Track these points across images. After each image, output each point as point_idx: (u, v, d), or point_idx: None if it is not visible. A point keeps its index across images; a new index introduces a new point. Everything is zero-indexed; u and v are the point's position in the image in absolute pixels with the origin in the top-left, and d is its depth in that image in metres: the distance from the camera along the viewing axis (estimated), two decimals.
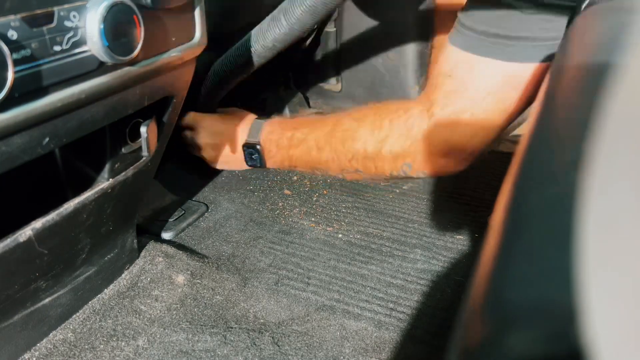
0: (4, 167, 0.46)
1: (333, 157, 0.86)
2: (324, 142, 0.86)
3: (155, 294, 0.74)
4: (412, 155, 0.78)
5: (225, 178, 1.03)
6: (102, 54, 0.48)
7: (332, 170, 0.88)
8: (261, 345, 0.66)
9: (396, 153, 0.79)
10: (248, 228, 0.89)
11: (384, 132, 0.80)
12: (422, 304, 0.72)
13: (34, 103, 0.45)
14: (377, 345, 0.66)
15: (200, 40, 0.62)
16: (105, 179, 0.63)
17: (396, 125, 0.79)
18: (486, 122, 0.73)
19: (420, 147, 0.77)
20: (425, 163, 0.78)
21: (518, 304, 0.22)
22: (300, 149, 0.89)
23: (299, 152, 0.89)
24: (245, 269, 0.79)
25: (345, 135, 0.83)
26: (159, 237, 0.86)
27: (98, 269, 0.71)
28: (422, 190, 0.97)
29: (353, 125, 0.83)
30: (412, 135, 0.78)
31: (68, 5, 0.45)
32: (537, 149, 0.33)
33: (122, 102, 0.55)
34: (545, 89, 0.43)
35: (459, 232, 0.85)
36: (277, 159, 0.92)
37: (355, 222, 0.89)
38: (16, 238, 0.53)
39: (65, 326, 0.68)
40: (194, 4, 0.60)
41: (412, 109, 0.78)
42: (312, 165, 0.89)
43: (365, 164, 0.83)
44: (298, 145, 0.89)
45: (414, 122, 0.77)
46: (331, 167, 0.87)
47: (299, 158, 0.90)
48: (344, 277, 0.77)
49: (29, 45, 0.43)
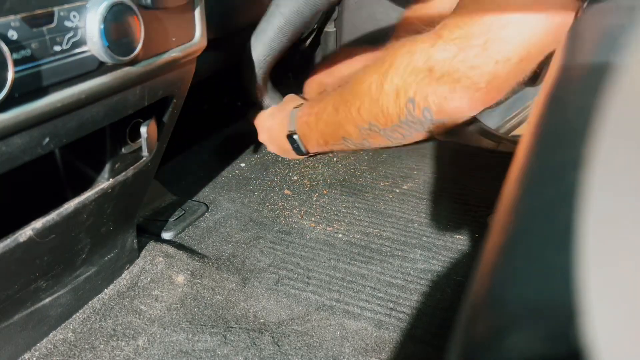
0: (4, 167, 0.46)
1: (346, 114, 0.81)
2: (339, 100, 0.82)
3: (155, 294, 0.74)
4: (414, 87, 0.70)
5: (225, 178, 1.03)
6: (102, 54, 0.48)
7: (353, 134, 0.83)
8: (261, 345, 0.66)
9: (397, 86, 0.72)
10: (248, 228, 0.89)
11: (386, 65, 0.73)
12: (422, 304, 0.72)
13: (34, 103, 0.45)
14: (377, 345, 0.66)
15: (200, 40, 0.62)
16: (105, 179, 0.63)
17: (399, 56, 0.72)
18: (501, 53, 0.65)
19: (422, 76, 0.69)
20: (428, 97, 0.70)
21: (518, 304, 0.22)
22: (324, 120, 0.85)
23: (323, 125, 0.86)
24: (245, 269, 0.79)
25: (353, 82, 0.79)
26: (159, 237, 0.86)
27: (98, 269, 0.71)
28: (422, 190, 0.97)
29: (362, 69, 0.78)
30: (413, 63, 0.69)
31: (68, 5, 0.45)
32: (537, 149, 0.33)
33: (122, 102, 0.55)
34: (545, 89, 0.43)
35: (459, 232, 0.85)
36: (313, 141, 0.91)
37: (355, 222, 0.89)
38: (16, 238, 0.53)
39: (65, 326, 0.68)
40: (194, 4, 0.60)
41: (420, 36, 0.71)
42: (336, 134, 0.86)
43: (372, 109, 0.77)
44: (321, 116, 0.85)
45: (416, 48, 0.70)
46: (349, 130, 0.83)
47: (324, 131, 0.87)
48: (344, 277, 0.77)
49: (29, 45, 0.43)
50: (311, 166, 1.06)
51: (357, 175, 1.02)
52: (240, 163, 1.08)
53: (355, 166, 1.05)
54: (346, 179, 1.01)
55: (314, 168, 1.05)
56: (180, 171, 1.05)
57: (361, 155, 1.09)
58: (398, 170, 1.03)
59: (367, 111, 0.79)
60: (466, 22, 0.66)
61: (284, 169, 1.05)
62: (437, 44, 0.69)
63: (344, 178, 1.01)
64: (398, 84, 0.73)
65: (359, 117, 0.80)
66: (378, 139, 0.83)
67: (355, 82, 0.80)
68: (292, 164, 1.07)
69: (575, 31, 0.52)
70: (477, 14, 0.65)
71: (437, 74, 0.69)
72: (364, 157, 1.08)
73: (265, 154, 1.12)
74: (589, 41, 0.47)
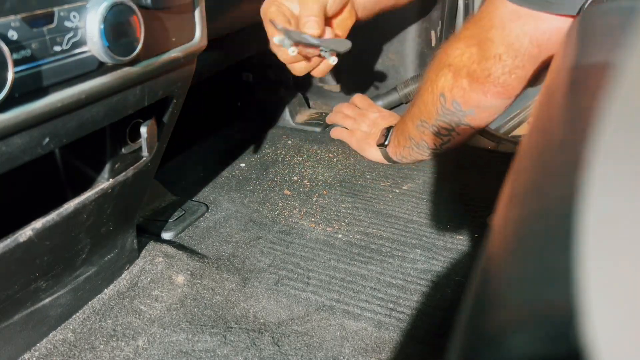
0: (4, 167, 0.46)
1: (408, 110, 0.92)
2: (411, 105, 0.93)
3: (155, 294, 0.74)
4: (442, 80, 0.81)
5: (225, 178, 1.03)
6: (102, 54, 0.48)
7: (412, 131, 0.92)
8: (261, 345, 0.66)
9: (431, 80, 0.83)
10: (248, 228, 0.89)
11: (431, 62, 0.85)
12: (422, 304, 0.72)
13: (34, 103, 0.45)
14: (377, 345, 0.66)
15: (200, 40, 0.62)
16: (105, 179, 0.63)
17: (437, 54, 0.83)
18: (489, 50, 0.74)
19: (445, 71, 0.80)
20: (453, 90, 0.80)
21: (518, 304, 0.22)
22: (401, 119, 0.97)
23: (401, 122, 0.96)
24: (245, 269, 0.79)
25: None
26: (159, 237, 0.86)
27: (98, 269, 0.71)
28: (422, 190, 0.97)
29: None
30: (439, 56, 0.81)
31: (68, 5, 0.45)
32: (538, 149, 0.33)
33: (122, 102, 0.55)
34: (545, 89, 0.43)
35: (459, 232, 0.85)
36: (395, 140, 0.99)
37: (355, 222, 0.89)
38: (16, 238, 0.53)
39: (65, 326, 0.68)
40: (194, 4, 0.60)
41: (451, 37, 0.82)
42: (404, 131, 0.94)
43: (420, 105, 0.87)
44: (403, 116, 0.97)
45: (445, 47, 0.81)
46: (410, 127, 0.92)
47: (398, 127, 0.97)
48: (344, 277, 0.77)
49: (29, 45, 0.43)
50: (311, 166, 1.06)
51: (357, 176, 1.02)
52: (240, 163, 1.08)
53: (355, 166, 1.05)
54: (346, 180, 1.01)
55: (314, 168, 1.05)
56: (180, 171, 1.05)
57: (361, 155, 1.09)
58: (398, 171, 1.03)
59: (417, 107, 0.89)
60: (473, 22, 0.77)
61: (284, 169, 1.05)
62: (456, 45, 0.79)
63: (344, 178, 1.01)
64: (432, 77, 0.84)
65: (414, 113, 0.90)
66: (432, 138, 0.90)
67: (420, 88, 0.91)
68: (292, 164, 1.07)
69: (575, 31, 0.52)
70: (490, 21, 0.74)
71: (453, 61, 0.79)
72: (364, 157, 1.08)
73: (265, 154, 1.12)
74: (589, 41, 0.47)
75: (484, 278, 0.25)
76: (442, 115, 0.84)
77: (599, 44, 0.45)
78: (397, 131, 0.98)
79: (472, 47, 0.76)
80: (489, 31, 0.73)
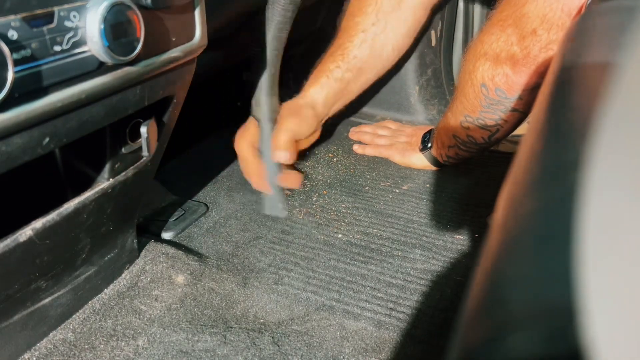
0: (4, 167, 0.46)
1: (450, 107, 0.91)
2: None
3: (155, 294, 0.74)
4: (480, 70, 0.81)
5: (225, 178, 1.03)
6: (102, 54, 0.48)
7: (457, 129, 0.91)
8: (261, 345, 0.66)
9: (469, 71, 0.83)
10: (248, 228, 0.89)
11: (465, 55, 0.86)
12: (422, 304, 0.72)
13: (34, 103, 0.45)
14: (377, 345, 0.66)
15: (200, 40, 0.62)
16: (105, 179, 0.63)
17: (472, 47, 0.84)
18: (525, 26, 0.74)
19: (483, 60, 0.80)
20: (495, 78, 0.80)
21: (518, 304, 0.22)
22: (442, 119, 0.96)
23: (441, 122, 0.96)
24: (245, 269, 0.79)
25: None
26: (159, 237, 0.86)
27: (98, 269, 0.71)
28: (422, 190, 0.97)
29: None
30: (474, 45, 0.82)
31: (68, 5, 0.45)
32: (538, 149, 0.33)
33: (122, 102, 0.55)
34: (545, 88, 0.43)
35: (459, 232, 0.85)
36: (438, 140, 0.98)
37: (355, 222, 0.89)
38: (16, 238, 0.53)
39: (65, 326, 0.68)
40: (194, 4, 0.60)
41: (484, 27, 0.83)
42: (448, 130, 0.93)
43: (462, 100, 0.87)
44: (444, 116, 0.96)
45: (480, 38, 0.81)
46: (454, 125, 0.91)
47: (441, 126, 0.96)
48: (344, 277, 0.77)
49: (29, 45, 0.43)
50: (311, 166, 1.06)
51: (357, 176, 1.02)
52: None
53: (355, 166, 1.05)
54: (346, 179, 1.01)
55: (314, 168, 1.05)
56: (180, 171, 1.05)
57: (361, 156, 1.09)
58: (398, 170, 1.03)
59: (459, 101, 0.87)
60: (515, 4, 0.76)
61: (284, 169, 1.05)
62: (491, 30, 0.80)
63: (344, 178, 1.01)
64: (471, 71, 0.83)
65: (457, 108, 0.89)
66: (479, 132, 0.89)
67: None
68: (292, 164, 1.07)
69: (575, 31, 0.52)
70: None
71: (496, 57, 0.79)
72: (364, 157, 1.08)
73: None
74: (589, 41, 0.47)
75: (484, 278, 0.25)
76: (486, 106, 0.83)
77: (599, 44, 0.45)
78: (439, 132, 0.96)
79: (508, 28, 0.75)
80: (523, 6, 0.73)
